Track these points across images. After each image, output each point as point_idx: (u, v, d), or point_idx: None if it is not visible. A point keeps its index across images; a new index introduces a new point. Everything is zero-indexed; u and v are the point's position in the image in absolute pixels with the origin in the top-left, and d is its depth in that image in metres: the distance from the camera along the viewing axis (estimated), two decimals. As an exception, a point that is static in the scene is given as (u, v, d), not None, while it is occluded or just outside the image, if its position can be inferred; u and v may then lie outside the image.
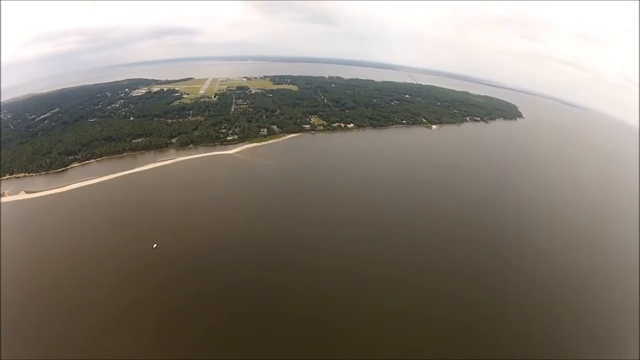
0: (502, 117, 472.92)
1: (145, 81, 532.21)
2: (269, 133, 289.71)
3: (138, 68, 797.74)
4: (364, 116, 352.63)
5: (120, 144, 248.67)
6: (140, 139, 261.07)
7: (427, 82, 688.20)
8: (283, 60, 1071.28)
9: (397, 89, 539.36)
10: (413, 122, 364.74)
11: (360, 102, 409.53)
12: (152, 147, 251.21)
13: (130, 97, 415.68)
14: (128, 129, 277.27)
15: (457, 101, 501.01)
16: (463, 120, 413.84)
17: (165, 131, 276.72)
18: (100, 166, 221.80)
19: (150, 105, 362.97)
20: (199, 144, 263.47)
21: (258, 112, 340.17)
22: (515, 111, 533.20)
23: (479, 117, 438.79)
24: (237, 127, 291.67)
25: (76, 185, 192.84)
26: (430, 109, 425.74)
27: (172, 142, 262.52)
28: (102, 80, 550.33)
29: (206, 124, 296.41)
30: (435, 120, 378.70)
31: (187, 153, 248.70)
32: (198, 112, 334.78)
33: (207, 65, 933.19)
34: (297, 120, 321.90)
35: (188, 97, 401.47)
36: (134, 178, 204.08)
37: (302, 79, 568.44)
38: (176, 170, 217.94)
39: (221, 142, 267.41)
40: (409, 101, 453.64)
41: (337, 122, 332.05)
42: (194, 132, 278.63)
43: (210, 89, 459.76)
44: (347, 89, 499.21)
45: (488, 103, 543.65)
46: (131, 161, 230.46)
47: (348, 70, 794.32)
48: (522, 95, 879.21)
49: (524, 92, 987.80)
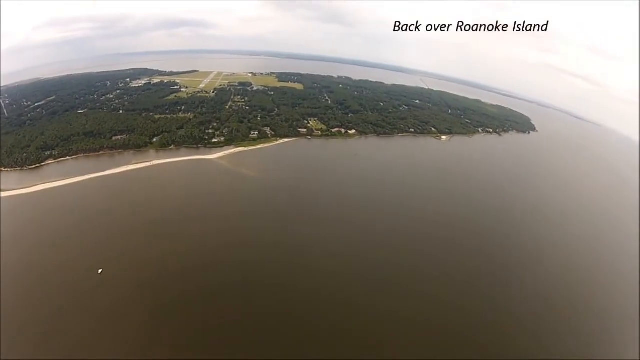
0: (515, 129, 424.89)
1: (150, 71, 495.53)
2: (259, 136, 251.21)
3: (148, 57, 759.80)
4: (368, 122, 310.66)
5: (99, 141, 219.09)
6: (122, 136, 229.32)
7: (439, 87, 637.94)
8: (295, 58, 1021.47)
9: (407, 93, 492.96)
10: (421, 131, 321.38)
11: (366, 106, 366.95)
12: (131, 146, 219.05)
13: (128, 87, 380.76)
14: (111, 124, 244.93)
15: (469, 110, 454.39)
16: (475, 131, 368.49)
17: (149, 128, 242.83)
18: (74, 165, 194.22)
19: (143, 98, 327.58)
20: (181, 145, 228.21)
21: (254, 111, 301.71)
22: (528, 124, 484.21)
23: (492, 128, 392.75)
24: (227, 127, 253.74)
25: (42, 186, 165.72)
26: (441, 117, 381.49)
27: (153, 142, 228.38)
28: (108, 68, 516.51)
29: (194, 122, 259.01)
30: (445, 130, 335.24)
31: (166, 155, 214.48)
32: (190, 108, 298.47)
33: (217, 58, 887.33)
34: (293, 123, 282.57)
35: (185, 91, 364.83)
36: (100, 183, 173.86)
37: (309, 77, 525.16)
38: (146, 177, 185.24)
39: (205, 144, 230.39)
40: (419, 107, 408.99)
41: (337, 127, 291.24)
42: (179, 131, 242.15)
43: (212, 84, 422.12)
44: (354, 91, 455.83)
45: (501, 114, 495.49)
46: (106, 161, 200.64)
47: (359, 71, 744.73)
48: (533, 106, 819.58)
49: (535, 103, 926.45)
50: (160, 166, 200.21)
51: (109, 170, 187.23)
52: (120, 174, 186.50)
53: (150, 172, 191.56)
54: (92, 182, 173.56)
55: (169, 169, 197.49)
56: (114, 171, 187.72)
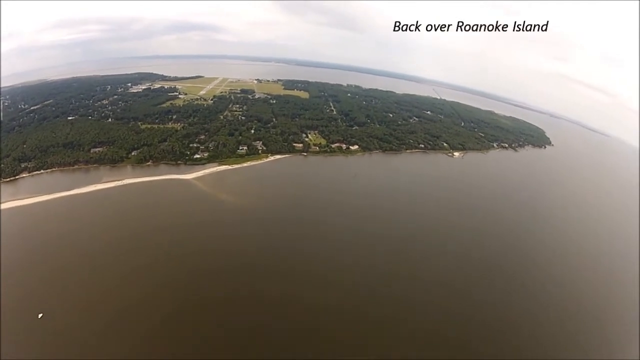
0: (530, 143, 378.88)
1: (154, 76, 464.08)
2: (249, 152, 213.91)
3: (157, 61, 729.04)
4: (374, 136, 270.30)
5: (76, 153, 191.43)
6: (100, 149, 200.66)
7: (451, 97, 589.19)
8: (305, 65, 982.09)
9: (418, 103, 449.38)
10: (432, 147, 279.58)
11: (373, 117, 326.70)
12: (106, 160, 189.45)
13: (125, 93, 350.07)
14: (93, 134, 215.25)
15: (482, 122, 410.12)
16: (489, 146, 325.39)
17: (130, 140, 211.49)
18: (45, 181, 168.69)
19: (136, 106, 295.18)
20: (160, 161, 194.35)
21: (249, 122, 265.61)
22: (543, 137, 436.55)
23: (507, 143, 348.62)
24: (213, 141, 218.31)
25: (8, 204, 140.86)
26: (453, 130, 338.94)
27: (131, 156, 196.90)
28: (114, 72, 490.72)
29: (180, 134, 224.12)
30: (458, 146, 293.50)
31: (140, 173, 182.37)
32: (182, 117, 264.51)
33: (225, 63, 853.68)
34: (289, 136, 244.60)
35: (183, 98, 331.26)
36: (63, 205, 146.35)
37: (316, 85, 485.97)
38: (109, 201, 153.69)
39: (186, 160, 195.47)
40: (430, 119, 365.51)
41: (338, 142, 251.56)
42: (161, 144, 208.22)
43: (213, 90, 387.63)
44: (363, 100, 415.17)
45: (515, 126, 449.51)
46: (78, 178, 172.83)
47: (370, 79, 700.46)
48: (545, 117, 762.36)
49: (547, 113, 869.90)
50: (129, 187, 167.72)
51: (77, 189, 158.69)
52: (87, 194, 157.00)
53: (116, 194, 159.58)
54: (54, 203, 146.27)
55: (137, 191, 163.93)
56: (82, 190, 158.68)
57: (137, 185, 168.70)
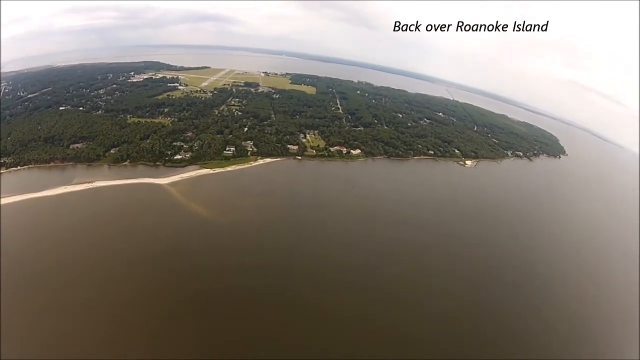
0: (545, 152, 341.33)
1: (160, 65, 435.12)
2: (236, 153, 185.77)
3: (169, 50, 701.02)
4: (379, 139, 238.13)
5: (55, 149, 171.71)
6: (80, 144, 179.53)
7: (464, 99, 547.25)
8: (317, 60, 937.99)
9: (430, 104, 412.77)
10: (442, 154, 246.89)
11: (381, 118, 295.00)
12: (83, 158, 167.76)
13: (124, 82, 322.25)
14: (76, 128, 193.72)
15: (496, 127, 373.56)
16: (504, 154, 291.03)
17: (112, 136, 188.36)
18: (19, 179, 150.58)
19: (130, 97, 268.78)
20: (137, 161, 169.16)
21: (244, 118, 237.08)
22: (557, 145, 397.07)
23: (522, 151, 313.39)
24: (199, 140, 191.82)
25: None
26: (466, 135, 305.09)
27: (109, 155, 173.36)
28: (123, 60, 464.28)
29: (165, 130, 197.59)
30: (470, 153, 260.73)
31: (114, 174, 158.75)
32: (174, 111, 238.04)
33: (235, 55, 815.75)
34: (284, 137, 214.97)
35: (182, 90, 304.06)
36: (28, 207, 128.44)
37: (325, 80, 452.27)
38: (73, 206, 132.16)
39: (165, 161, 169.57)
40: (442, 122, 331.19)
41: (338, 145, 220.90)
42: (143, 142, 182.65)
43: (216, 82, 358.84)
44: (372, 98, 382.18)
45: (529, 133, 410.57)
46: (51, 176, 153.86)
47: (382, 77, 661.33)
48: (558, 124, 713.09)
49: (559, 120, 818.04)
50: (99, 190, 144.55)
51: (46, 191, 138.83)
52: (54, 197, 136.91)
53: (83, 199, 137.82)
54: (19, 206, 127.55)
55: (106, 197, 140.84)
56: (50, 192, 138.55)
57: (107, 190, 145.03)
